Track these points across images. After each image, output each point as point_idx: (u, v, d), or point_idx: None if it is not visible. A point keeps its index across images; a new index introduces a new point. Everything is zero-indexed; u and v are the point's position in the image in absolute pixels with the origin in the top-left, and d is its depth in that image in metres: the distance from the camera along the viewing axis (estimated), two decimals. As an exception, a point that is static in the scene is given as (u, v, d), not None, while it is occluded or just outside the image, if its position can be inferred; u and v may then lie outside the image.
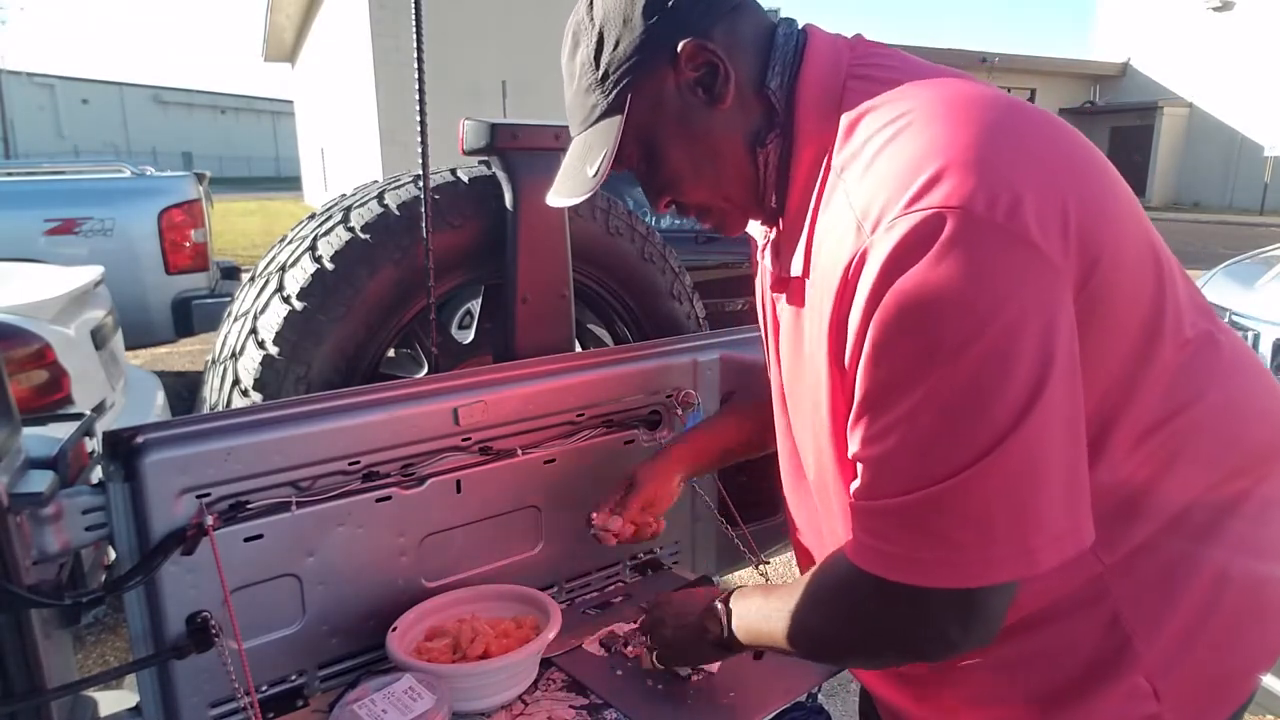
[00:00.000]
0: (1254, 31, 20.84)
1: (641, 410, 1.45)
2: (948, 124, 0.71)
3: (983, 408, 0.66)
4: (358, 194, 1.68)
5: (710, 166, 0.86)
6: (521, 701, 1.11)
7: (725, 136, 0.85)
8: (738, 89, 0.83)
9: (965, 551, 0.68)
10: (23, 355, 2.25)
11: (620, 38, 0.82)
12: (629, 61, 0.83)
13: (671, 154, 0.86)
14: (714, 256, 6.60)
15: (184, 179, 4.58)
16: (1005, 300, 0.65)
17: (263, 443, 1.04)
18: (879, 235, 0.68)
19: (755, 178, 0.86)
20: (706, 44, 0.82)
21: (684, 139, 0.85)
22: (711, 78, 0.83)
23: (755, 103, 0.84)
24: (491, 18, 13.49)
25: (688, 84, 0.83)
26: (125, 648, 1.40)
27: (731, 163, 0.86)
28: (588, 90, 0.86)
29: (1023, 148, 0.71)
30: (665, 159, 0.87)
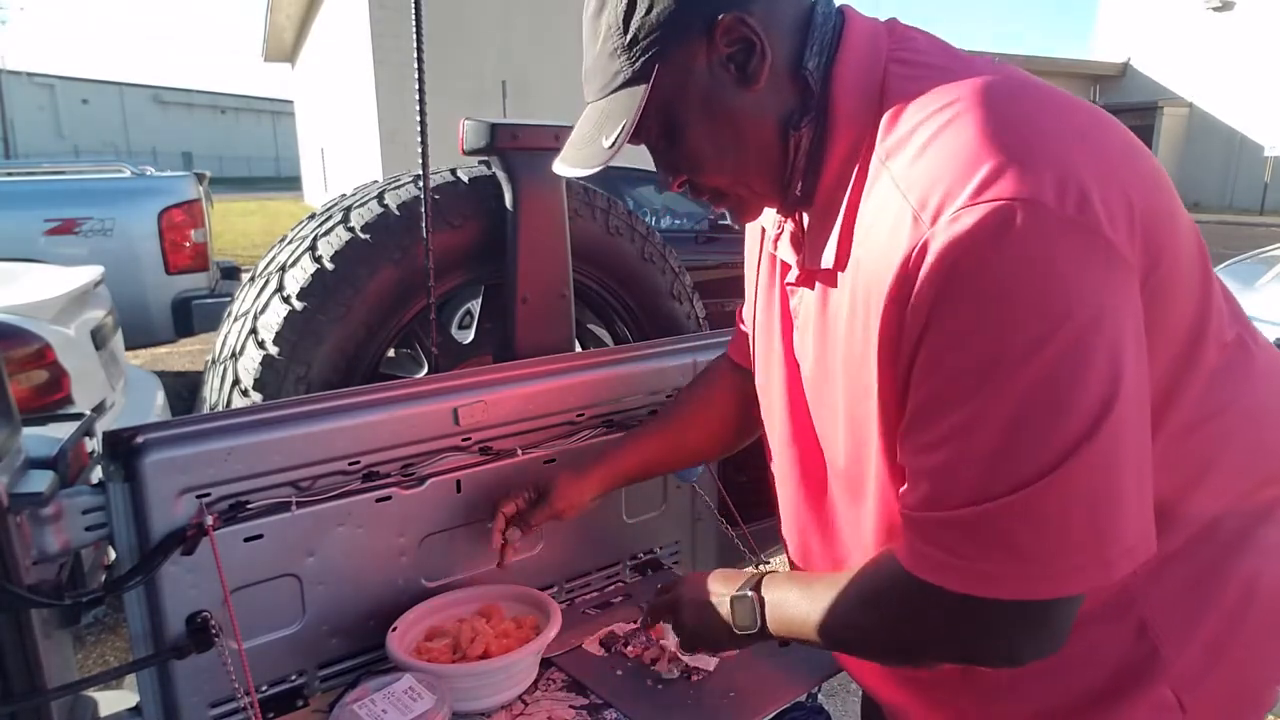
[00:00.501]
0: (1254, 31, 20.84)
1: (641, 410, 1.45)
2: (1007, 112, 0.68)
3: (1058, 412, 0.62)
4: (358, 194, 1.68)
5: (735, 149, 0.81)
6: (521, 701, 1.11)
7: (755, 119, 0.79)
8: (773, 69, 0.78)
9: (1037, 564, 0.64)
10: (23, 355, 2.25)
11: (654, 2, 0.77)
12: (660, 29, 0.77)
13: (694, 133, 0.81)
14: (714, 256, 6.60)
15: (184, 179, 4.58)
16: (1079, 296, 0.61)
17: (263, 443, 1.04)
18: (941, 226, 0.63)
19: (783, 163, 0.81)
20: (746, 18, 0.76)
21: (710, 118, 0.80)
22: (746, 55, 0.77)
23: (790, 84, 0.79)
24: (491, 18, 13.48)
25: (720, 60, 0.78)
26: (125, 648, 1.40)
27: (759, 147, 0.80)
28: (611, 54, 0.80)
29: (1084, 139, 0.68)
30: (687, 137, 0.81)
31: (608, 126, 0.80)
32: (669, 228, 6.61)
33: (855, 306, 0.75)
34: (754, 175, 0.83)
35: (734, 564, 1.64)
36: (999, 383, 0.63)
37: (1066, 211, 0.62)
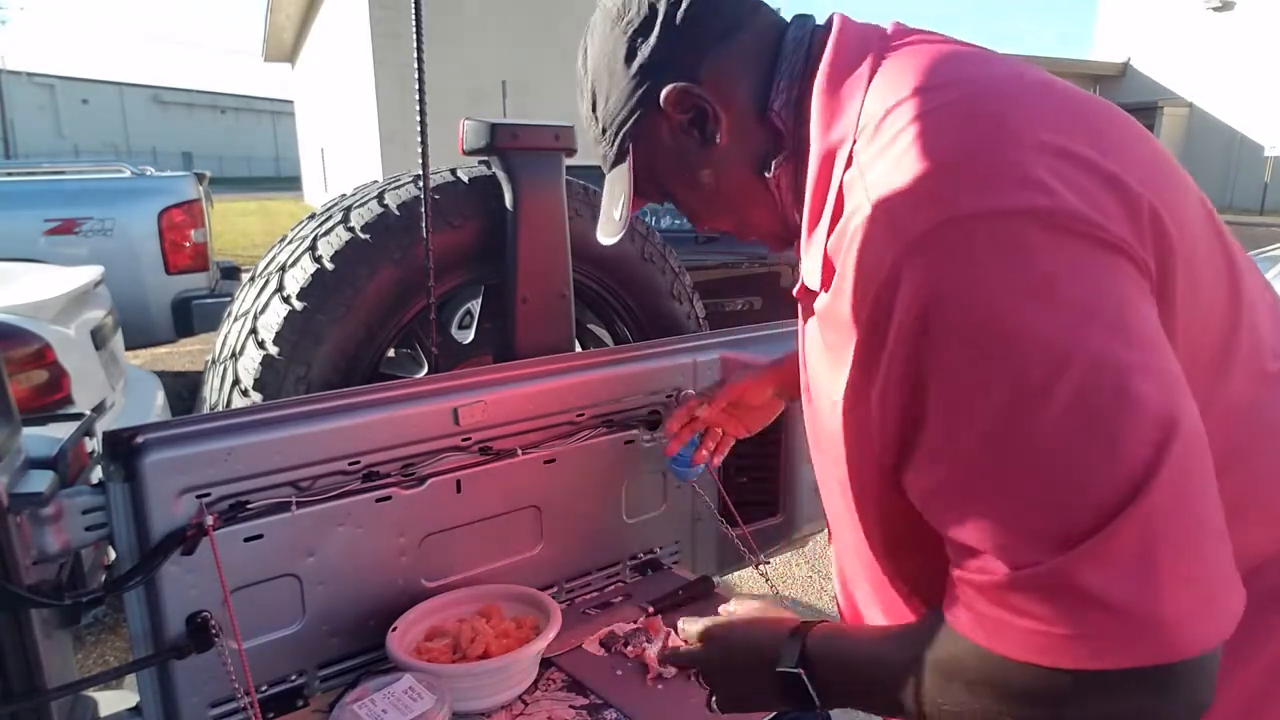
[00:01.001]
0: (1254, 31, 20.84)
1: (641, 410, 1.45)
2: (999, 109, 0.61)
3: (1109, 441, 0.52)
4: (358, 194, 1.68)
5: (720, 200, 0.85)
6: (521, 701, 1.11)
7: (728, 171, 0.82)
8: (733, 122, 0.79)
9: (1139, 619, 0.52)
10: (23, 355, 2.25)
11: (609, 93, 0.83)
12: (620, 114, 0.82)
13: (680, 192, 0.87)
14: (714, 256, 6.60)
15: (184, 179, 4.58)
16: (1093, 310, 0.54)
17: (263, 443, 1.04)
18: (923, 243, 0.57)
19: (772, 201, 0.82)
20: (690, 89, 0.78)
21: (688, 178, 0.84)
22: (702, 119, 0.79)
23: (758, 128, 0.79)
24: (491, 18, 13.48)
25: (681, 126, 0.81)
26: (125, 648, 1.40)
27: (741, 193, 0.83)
28: (596, 141, 0.87)
29: (1088, 133, 0.61)
30: (677, 197, 0.88)
31: (614, 200, 0.87)
32: (669, 228, 6.62)
33: (836, 333, 0.68)
34: (751, 216, 0.86)
35: (733, 564, 1.64)
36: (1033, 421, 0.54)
37: (1067, 218, 0.56)
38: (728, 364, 1.34)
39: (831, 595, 3.04)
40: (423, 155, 1.38)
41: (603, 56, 0.83)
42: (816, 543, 3.36)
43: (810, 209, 0.73)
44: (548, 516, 1.36)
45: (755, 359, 1.29)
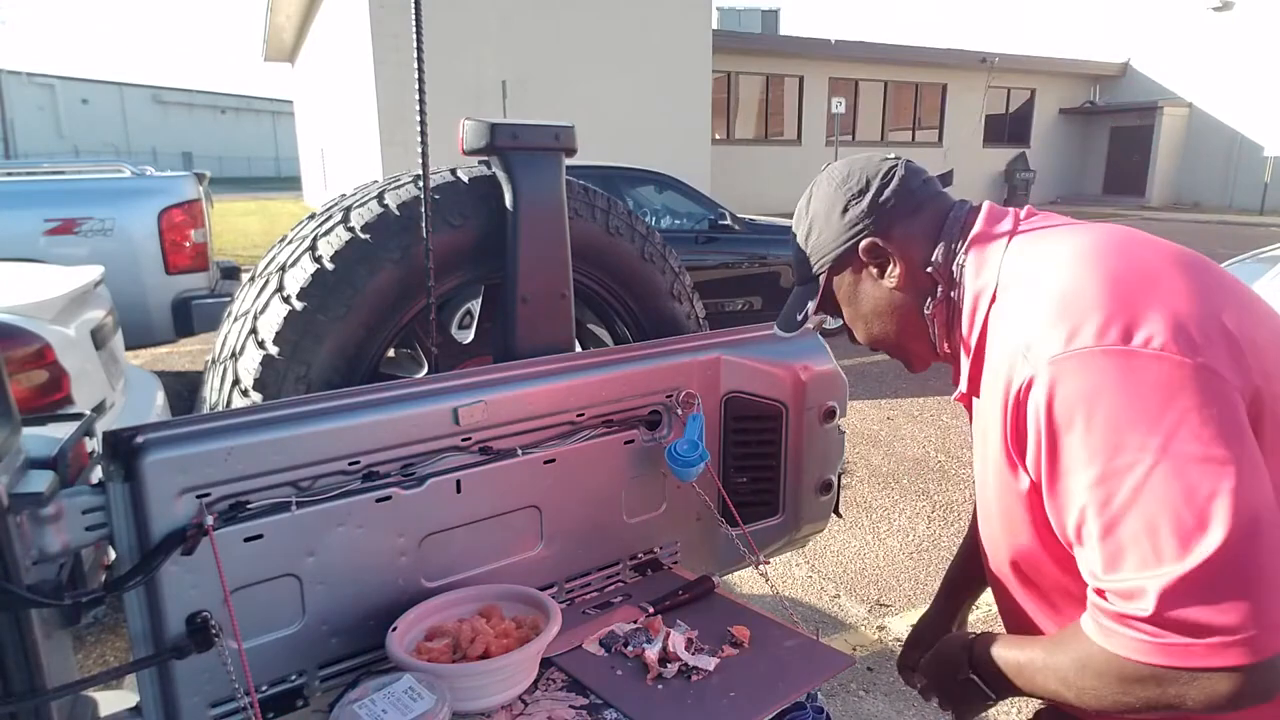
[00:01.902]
0: (1254, 31, 20.82)
1: (641, 410, 1.45)
2: (1095, 268, 0.88)
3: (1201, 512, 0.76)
4: (358, 194, 1.68)
5: (885, 327, 1.12)
6: (521, 701, 1.11)
7: (896, 306, 1.09)
8: (907, 272, 1.07)
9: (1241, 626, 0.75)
10: (23, 355, 2.25)
11: (822, 231, 1.11)
12: (826, 249, 1.11)
13: (855, 317, 1.15)
14: (714, 256, 6.60)
15: (184, 179, 4.58)
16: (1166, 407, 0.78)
17: (263, 443, 1.04)
18: (1043, 367, 0.84)
19: (928, 331, 1.09)
20: (880, 244, 1.07)
21: (864, 307, 1.12)
22: (884, 266, 1.08)
23: (924, 276, 1.07)
24: (491, 18, 13.48)
25: (868, 269, 1.10)
26: (125, 648, 1.40)
27: (903, 324, 1.10)
28: (801, 262, 1.16)
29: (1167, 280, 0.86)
30: (850, 320, 1.16)
31: (799, 307, 1.17)
32: (669, 228, 6.62)
33: (987, 426, 0.98)
34: (908, 342, 1.12)
35: (734, 564, 1.64)
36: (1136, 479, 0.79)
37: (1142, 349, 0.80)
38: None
39: (831, 596, 3.04)
40: (423, 155, 1.38)
41: (823, 204, 1.12)
42: (816, 543, 3.36)
43: (965, 337, 1.02)
44: (548, 516, 1.36)
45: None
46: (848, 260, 1.10)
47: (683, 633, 1.24)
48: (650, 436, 1.46)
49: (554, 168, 1.58)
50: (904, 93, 21.97)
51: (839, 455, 1.72)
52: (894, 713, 2.25)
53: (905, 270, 1.07)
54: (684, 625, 1.28)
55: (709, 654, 1.21)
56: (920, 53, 21.35)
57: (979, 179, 22.93)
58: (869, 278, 1.10)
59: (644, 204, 6.74)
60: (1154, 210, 21.40)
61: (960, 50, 22.10)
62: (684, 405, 1.46)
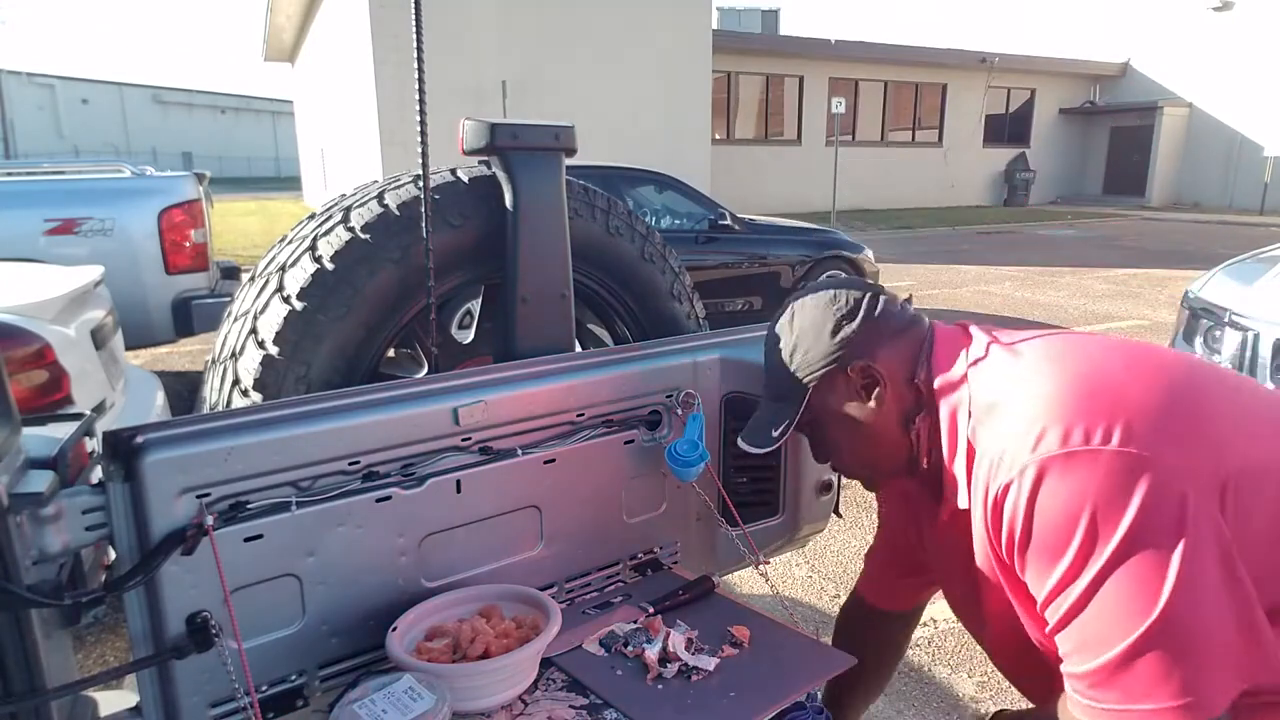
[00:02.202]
0: (1254, 31, 20.80)
1: (641, 410, 1.45)
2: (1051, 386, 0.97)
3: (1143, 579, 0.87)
4: (358, 194, 1.68)
5: (866, 447, 1.15)
6: (521, 701, 1.11)
7: (882, 425, 1.12)
8: (893, 393, 1.10)
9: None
10: (23, 355, 2.24)
11: (810, 349, 1.13)
12: (814, 366, 1.12)
13: (836, 435, 1.16)
14: (714, 256, 6.60)
15: (184, 179, 4.57)
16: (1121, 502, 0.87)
17: (263, 443, 1.04)
18: (1015, 475, 0.93)
19: (910, 448, 1.12)
20: (871, 366, 1.10)
21: (847, 427, 1.14)
22: (872, 388, 1.11)
23: (907, 393, 1.11)
24: (491, 18, 13.48)
25: (855, 390, 1.12)
26: (125, 648, 1.40)
27: (887, 443, 1.13)
28: (781, 378, 1.15)
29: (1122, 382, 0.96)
30: (831, 437, 1.17)
31: (777, 422, 1.15)
32: (669, 228, 6.62)
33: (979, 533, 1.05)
34: (882, 462, 1.16)
35: (734, 564, 1.64)
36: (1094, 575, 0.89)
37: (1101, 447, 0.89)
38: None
39: (831, 596, 3.04)
40: (423, 155, 1.38)
41: (811, 323, 1.13)
42: (816, 543, 3.36)
43: (948, 455, 1.08)
44: (548, 516, 1.36)
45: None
46: (835, 379, 1.12)
47: (683, 633, 1.25)
48: (650, 436, 1.46)
49: (554, 168, 1.58)
50: (904, 93, 21.96)
51: (839, 455, 1.72)
52: (894, 713, 2.25)
53: (891, 392, 1.10)
54: (684, 625, 1.28)
55: (709, 654, 1.21)
56: (920, 53, 21.33)
57: (979, 179, 22.93)
58: (855, 398, 1.12)
59: (644, 204, 6.73)
60: (1154, 210, 21.40)
61: (960, 50, 22.09)
62: (684, 405, 1.46)
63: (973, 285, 9.63)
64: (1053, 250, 13.18)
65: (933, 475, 1.13)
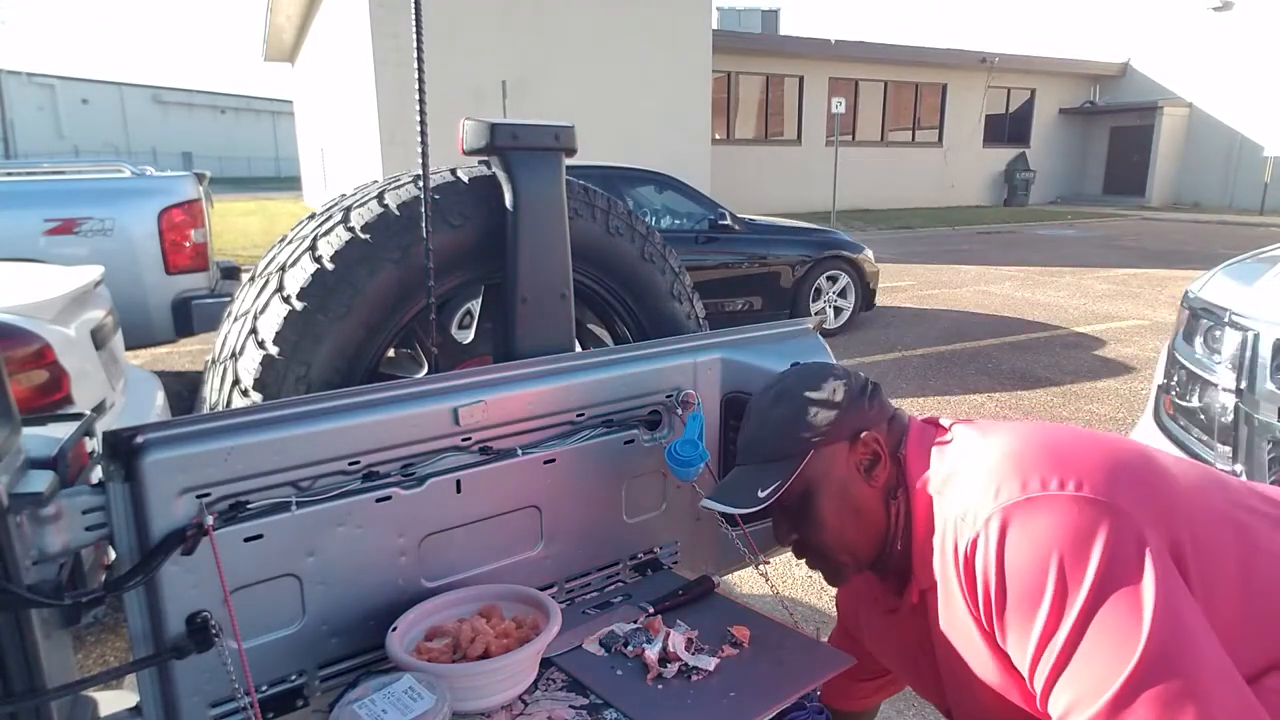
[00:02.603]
0: (1254, 31, 20.79)
1: (641, 410, 1.45)
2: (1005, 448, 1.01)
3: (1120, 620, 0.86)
4: (358, 194, 1.68)
5: (851, 522, 1.11)
6: (521, 701, 1.11)
7: (871, 501, 1.11)
8: (886, 468, 1.11)
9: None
10: (23, 355, 2.24)
11: (820, 414, 1.11)
12: (821, 431, 1.11)
13: (824, 507, 1.11)
14: (714, 256, 6.60)
15: (184, 179, 4.57)
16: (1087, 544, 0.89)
17: (263, 443, 1.04)
18: (980, 527, 0.95)
19: (887, 527, 1.11)
20: (879, 437, 1.11)
21: (838, 498, 1.11)
22: (874, 463, 1.11)
23: (892, 469, 1.12)
24: (491, 18, 13.48)
25: (857, 462, 1.11)
26: (125, 648, 1.40)
27: (871, 520, 1.11)
28: (778, 439, 1.12)
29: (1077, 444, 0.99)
30: (815, 507, 1.11)
31: (764, 482, 1.10)
32: (669, 228, 6.62)
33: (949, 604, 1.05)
34: (861, 545, 1.12)
35: (734, 564, 1.64)
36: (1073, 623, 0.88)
37: (1059, 491, 0.92)
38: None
39: (830, 595, 3.03)
40: (423, 155, 1.38)
41: (820, 391, 1.13)
42: (816, 543, 3.36)
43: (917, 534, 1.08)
44: (548, 516, 1.36)
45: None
46: (838, 449, 1.11)
47: (683, 633, 1.25)
48: (650, 436, 1.46)
49: (554, 168, 1.58)
50: (904, 93, 21.95)
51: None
52: (894, 713, 2.25)
53: (886, 468, 1.11)
54: (684, 625, 1.28)
55: (709, 654, 1.21)
56: (920, 53, 21.33)
57: (979, 179, 22.93)
58: (854, 470, 1.11)
59: (644, 204, 6.73)
60: (1154, 210, 21.39)
61: (960, 50, 22.08)
62: (684, 405, 1.46)
63: (973, 285, 9.62)
64: (1053, 250, 13.17)
65: (901, 559, 1.12)
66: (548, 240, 1.59)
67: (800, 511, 1.12)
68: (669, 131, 14.78)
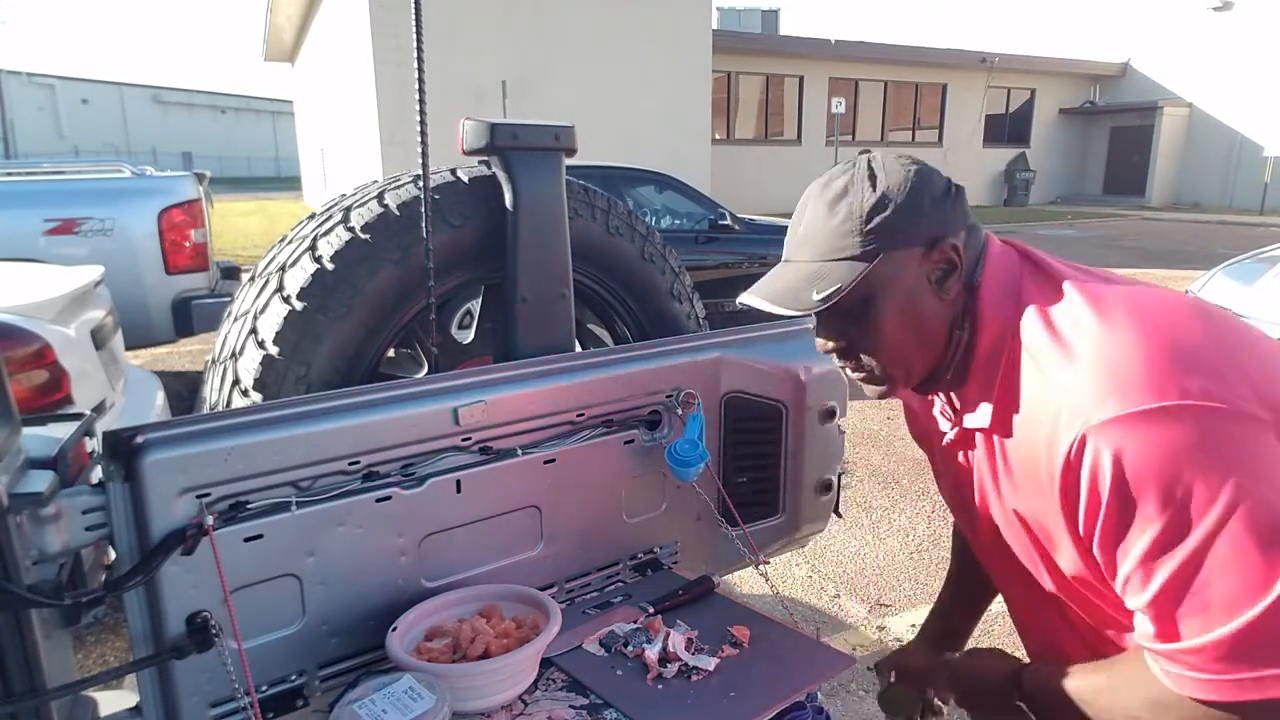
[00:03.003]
0: (1254, 31, 20.80)
1: (641, 410, 1.45)
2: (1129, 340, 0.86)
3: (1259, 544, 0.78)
4: (358, 194, 1.68)
5: (911, 340, 1.00)
6: (521, 701, 1.11)
7: (935, 320, 0.99)
8: (961, 287, 0.99)
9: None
10: (23, 355, 2.25)
11: (898, 208, 0.95)
12: (895, 229, 0.95)
13: (883, 317, 0.98)
14: (714, 256, 6.60)
15: (184, 179, 4.58)
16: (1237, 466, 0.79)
17: (263, 443, 1.04)
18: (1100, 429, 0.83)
19: (944, 354, 1.01)
20: (958, 245, 0.97)
21: (901, 310, 0.98)
22: (947, 273, 0.98)
23: (963, 294, 0.99)
24: (491, 18, 13.48)
25: (929, 270, 0.97)
26: (125, 648, 1.40)
27: (930, 341, 1.00)
28: (844, 232, 0.96)
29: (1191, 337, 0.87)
30: (876, 317, 0.98)
31: (820, 284, 0.95)
32: (669, 228, 6.62)
33: (1018, 471, 0.97)
34: (916, 362, 1.02)
35: (733, 564, 1.64)
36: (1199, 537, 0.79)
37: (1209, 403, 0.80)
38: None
39: (831, 596, 3.04)
40: (423, 155, 1.38)
41: (903, 184, 0.97)
42: (816, 543, 3.36)
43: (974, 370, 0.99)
44: (548, 516, 1.36)
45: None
46: (912, 253, 0.96)
47: (683, 633, 1.24)
48: (650, 436, 1.46)
49: (554, 168, 1.58)
50: (904, 93, 21.96)
51: (839, 455, 1.72)
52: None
53: (958, 284, 0.98)
54: (684, 625, 1.28)
55: (709, 654, 1.21)
56: (920, 53, 21.33)
57: (979, 179, 22.92)
58: (924, 281, 0.97)
59: (644, 204, 6.73)
60: (1154, 210, 21.40)
61: (960, 50, 22.09)
62: (684, 405, 1.46)
63: (973, 285, 9.60)
64: (1053, 250, 13.02)
65: (952, 385, 1.03)
66: (548, 240, 1.59)
67: (855, 317, 0.99)
68: (669, 131, 14.78)
